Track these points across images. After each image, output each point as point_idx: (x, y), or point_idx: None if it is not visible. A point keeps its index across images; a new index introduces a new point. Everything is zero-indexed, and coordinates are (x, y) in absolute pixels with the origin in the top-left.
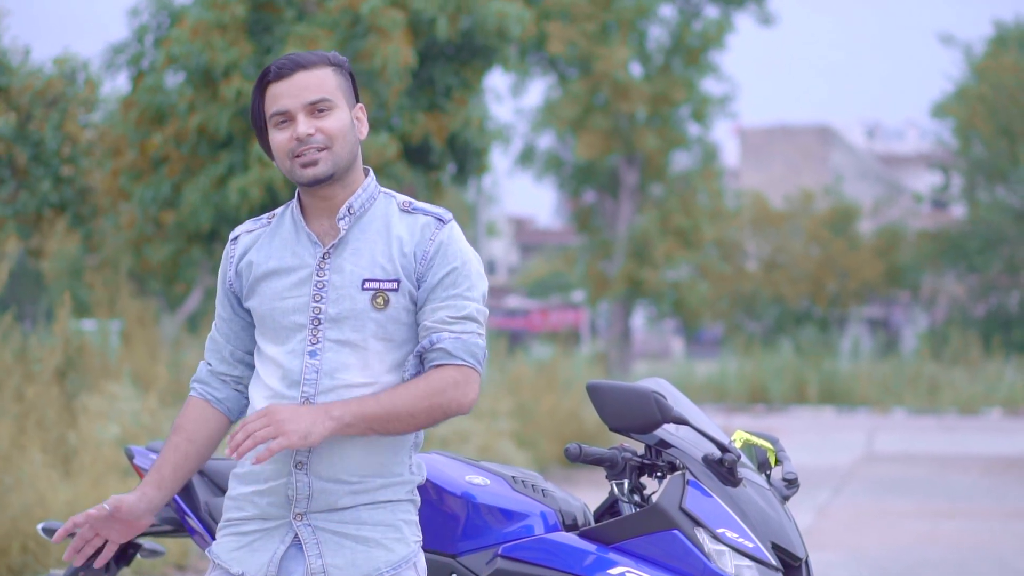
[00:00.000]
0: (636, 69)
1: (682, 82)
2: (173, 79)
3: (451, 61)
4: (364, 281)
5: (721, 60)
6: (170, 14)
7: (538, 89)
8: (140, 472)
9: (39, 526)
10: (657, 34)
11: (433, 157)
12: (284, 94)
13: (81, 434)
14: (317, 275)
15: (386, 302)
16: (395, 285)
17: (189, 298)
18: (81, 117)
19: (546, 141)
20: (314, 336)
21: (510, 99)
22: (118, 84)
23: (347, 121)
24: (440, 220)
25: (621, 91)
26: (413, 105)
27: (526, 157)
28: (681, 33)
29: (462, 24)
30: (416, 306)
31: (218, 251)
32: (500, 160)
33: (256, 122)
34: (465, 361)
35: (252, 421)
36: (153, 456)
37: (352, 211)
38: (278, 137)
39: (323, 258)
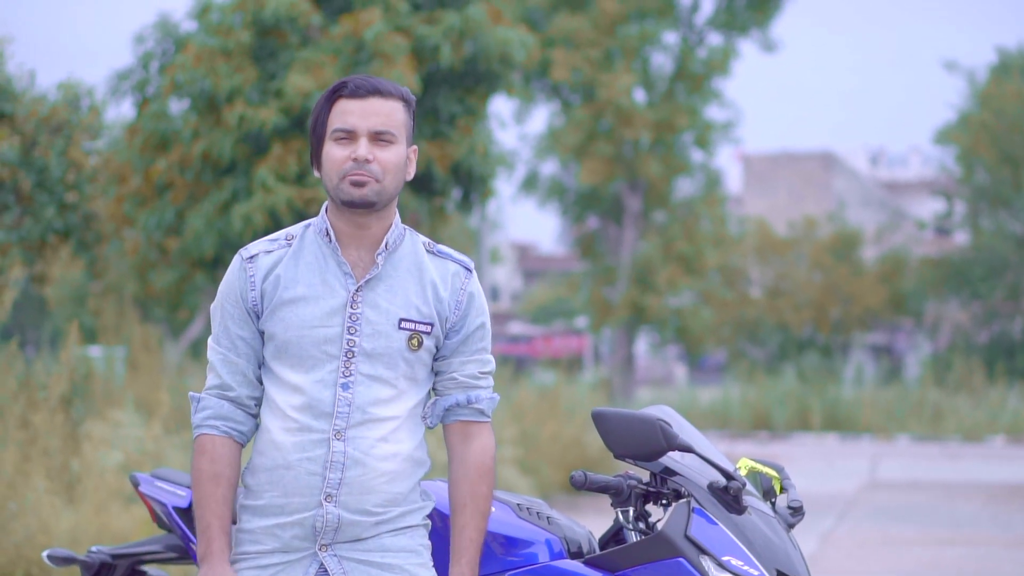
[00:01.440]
0: (640, 96)
1: (685, 109)
2: (177, 106)
3: (455, 88)
4: (401, 320)
5: (726, 87)
6: (175, 41)
7: (542, 116)
8: (145, 499)
9: (44, 553)
10: (660, 61)
11: (436, 184)
12: (354, 113)
13: (85, 461)
14: (351, 307)
15: (420, 344)
16: (429, 329)
17: (193, 324)
18: (85, 144)
19: (550, 168)
20: (346, 368)
21: (514, 125)
22: (122, 111)
23: (402, 159)
24: (468, 270)
25: (625, 118)
26: (416, 134)
27: (530, 183)
28: (684, 60)
29: (466, 50)
30: (436, 350)
31: (222, 278)
32: (504, 186)
33: (315, 131)
34: (490, 419)
35: None
36: (159, 483)
37: (388, 247)
38: (335, 152)
39: (356, 291)
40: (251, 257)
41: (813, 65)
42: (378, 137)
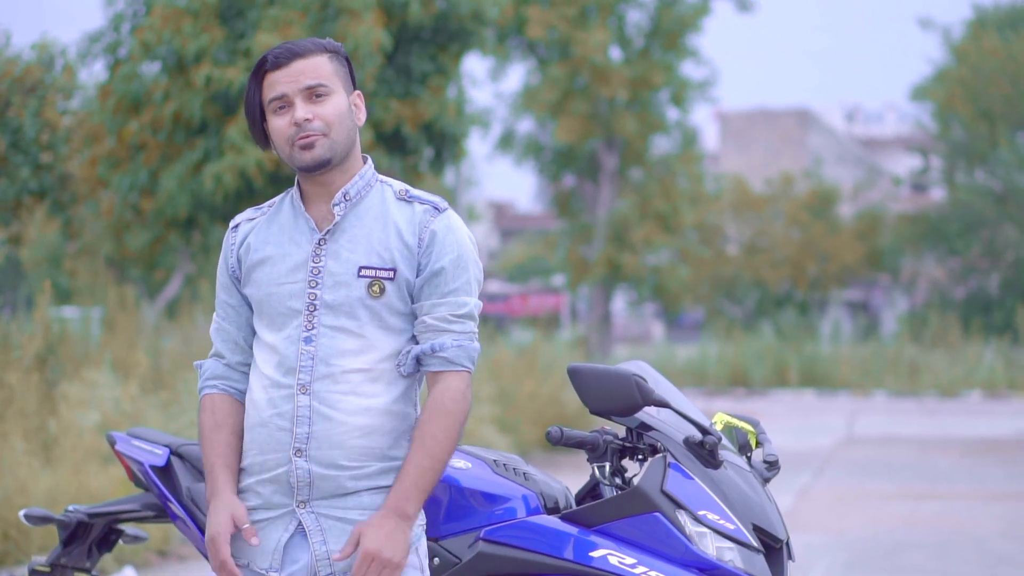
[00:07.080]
0: (616, 53)
1: (661, 66)
2: (149, 67)
3: (427, 46)
4: (360, 268)
5: (701, 44)
6: (145, 2)
7: (517, 73)
8: (121, 458)
9: (21, 513)
10: (636, 18)
11: (408, 143)
12: (281, 80)
13: (62, 421)
14: (313, 261)
15: (382, 290)
16: (391, 274)
17: (168, 285)
18: (59, 104)
19: (526, 126)
20: (309, 322)
21: (489, 83)
22: (95, 70)
23: (345, 107)
24: (436, 208)
25: (600, 75)
26: (387, 92)
27: (506, 142)
28: (660, 17)
29: (437, 7)
30: (411, 296)
31: (196, 239)
32: (479, 145)
33: (251, 113)
34: (464, 367)
35: (363, 573)
36: (136, 442)
37: (348, 197)
38: (277, 123)
39: (319, 244)
40: (235, 227)
41: (781, 27)
42: (312, 93)
